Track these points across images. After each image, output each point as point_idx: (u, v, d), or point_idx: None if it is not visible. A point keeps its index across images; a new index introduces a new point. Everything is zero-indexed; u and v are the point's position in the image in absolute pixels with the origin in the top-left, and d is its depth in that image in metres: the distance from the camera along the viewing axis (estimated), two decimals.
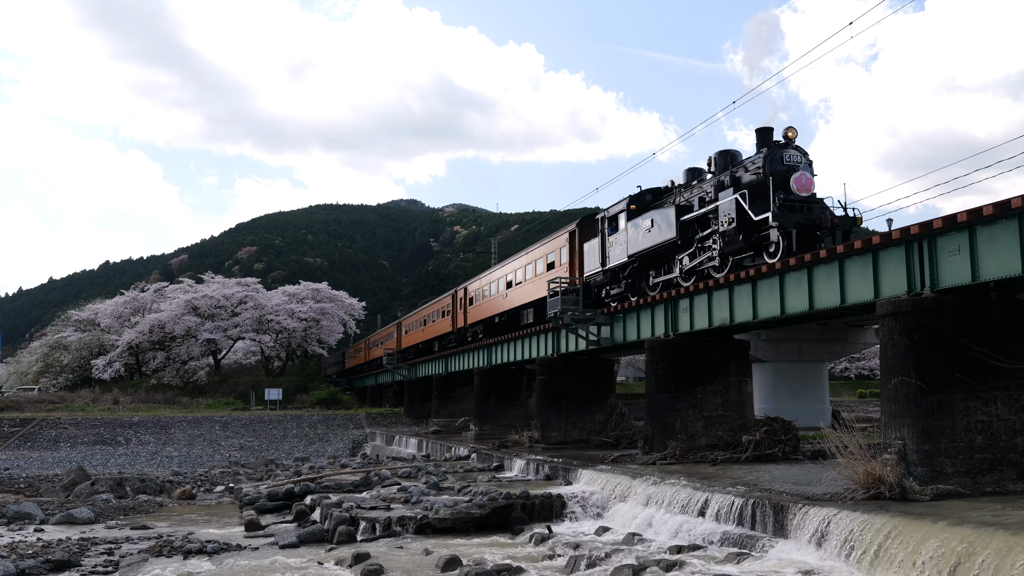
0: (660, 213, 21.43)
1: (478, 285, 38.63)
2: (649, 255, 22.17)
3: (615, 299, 24.18)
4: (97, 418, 46.79)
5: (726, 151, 20.38)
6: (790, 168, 17.81)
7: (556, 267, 28.59)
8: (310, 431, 47.60)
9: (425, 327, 49.30)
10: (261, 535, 16.98)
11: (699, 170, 21.92)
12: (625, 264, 23.25)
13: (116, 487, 25.84)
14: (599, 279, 24.89)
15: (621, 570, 11.22)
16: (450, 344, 43.34)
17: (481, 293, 37.82)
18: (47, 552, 14.88)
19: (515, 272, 33.25)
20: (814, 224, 17.13)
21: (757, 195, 17.67)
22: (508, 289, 33.60)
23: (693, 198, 20.82)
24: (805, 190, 17.55)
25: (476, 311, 38.42)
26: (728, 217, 18.11)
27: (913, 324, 12.91)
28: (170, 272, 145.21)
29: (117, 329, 66.02)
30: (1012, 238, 11.65)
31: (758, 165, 18.22)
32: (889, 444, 13.03)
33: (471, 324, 39.53)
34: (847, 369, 68.13)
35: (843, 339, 33.44)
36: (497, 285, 35.42)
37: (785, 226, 16.88)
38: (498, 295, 34.98)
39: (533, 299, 30.65)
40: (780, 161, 17.91)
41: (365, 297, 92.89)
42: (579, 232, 27.15)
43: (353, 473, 25.29)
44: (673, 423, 20.61)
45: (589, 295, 25.75)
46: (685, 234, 20.47)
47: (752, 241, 17.77)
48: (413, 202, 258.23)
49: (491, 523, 16.33)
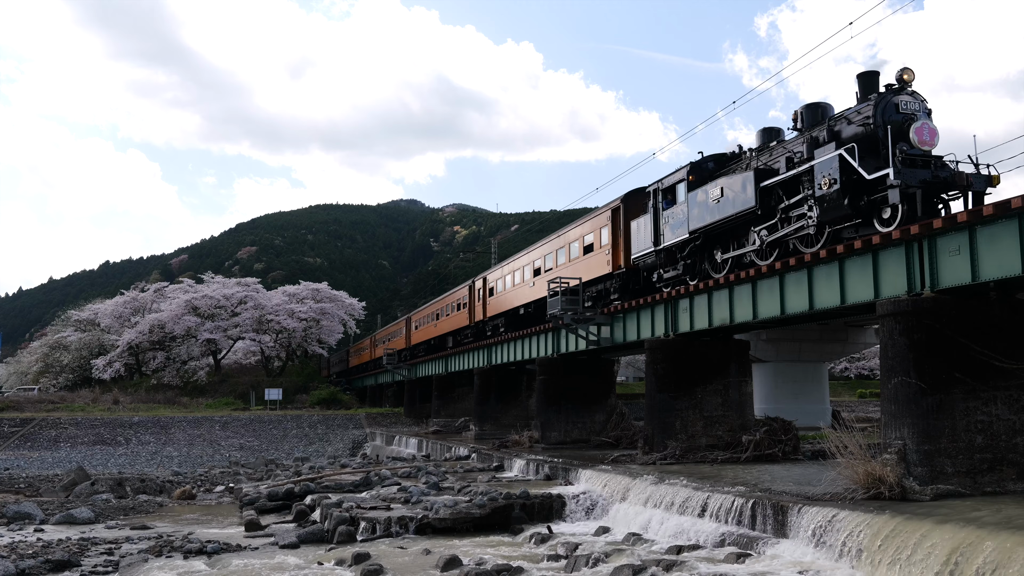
0: (733, 180, 18.39)
1: (499, 274, 35.88)
2: (717, 230, 19.29)
3: (670, 283, 21.52)
4: (97, 418, 46.78)
5: (816, 104, 17.58)
6: (908, 117, 14.84)
7: (596, 250, 25.70)
8: (310, 431, 47.61)
9: (438, 322, 46.52)
10: (261, 535, 16.98)
11: (776, 130, 19.26)
12: (685, 242, 20.39)
13: (116, 487, 25.84)
14: (650, 261, 22.11)
15: (621, 570, 11.22)
16: (466, 339, 40.92)
17: (503, 283, 35.16)
18: (47, 552, 14.88)
19: (544, 258, 30.42)
20: (943, 183, 14.28)
21: (865, 151, 14.85)
22: (536, 277, 30.70)
23: (775, 160, 17.93)
24: (928, 144, 14.56)
25: (497, 303, 35.74)
26: (828, 178, 15.12)
27: (913, 324, 12.90)
28: (170, 272, 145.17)
29: (117, 329, 66.01)
30: (1012, 238, 11.65)
31: (866, 115, 15.27)
32: (889, 444, 13.02)
33: (491, 317, 36.78)
34: (847, 369, 68.11)
35: (843, 339, 33.46)
36: (522, 273, 32.62)
37: (910, 185, 14.03)
38: (523, 284, 32.14)
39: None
40: (895, 109, 14.98)
41: (365, 297, 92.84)
42: (624, 209, 24.19)
43: (353, 473, 25.29)
44: (673, 423, 20.61)
45: (637, 279, 23.56)
46: (766, 203, 17.49)
47: (860, 206, 14.84)
48: (413, 202, 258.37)
49: (491, 523, 16.34)
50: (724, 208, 18.53)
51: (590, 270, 25.77)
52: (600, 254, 25.35)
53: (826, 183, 15.22)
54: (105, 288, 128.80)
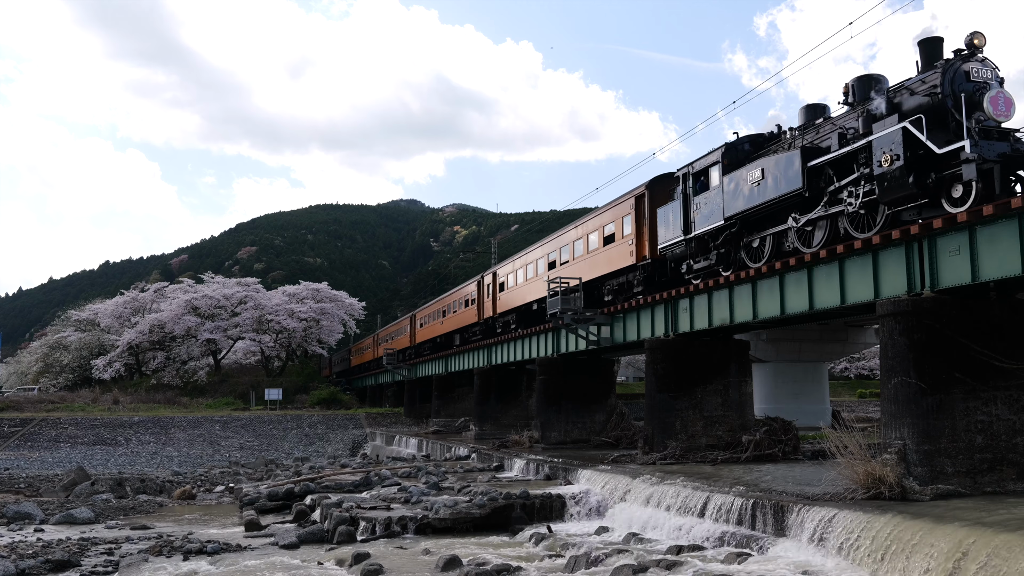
0: (776, 160, 16.88)
1: (510, 268, 34.25)
2: (755, 216, 17.81)
3: (701, 274, 20.07)
4: (97, 418, 46.79)
5: (869, 75, 16.15)
6: (980, 85, 13.44)
7: (617, 240, 24.22)
8: (310, 431, 47.61)
9: (444, 319, 45.10)
10: (261, 535, 16.98)
11: (821, 107, 17.91)
12: (719, 229, 18.94)
13: (116, 487, 25.85)
14: (679, 251, 20.69)
15: (621, 570, 11.22)
16: (475, 337, 39.56)
17: (514, 278, 33.56)
18: (47, 552, 14.88)
19: (559, 251, 28.89)
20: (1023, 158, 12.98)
21: (931, 123, 13.51)
22: (551, 270, 29.07)
23: (823, 138, 16.51)
24: (1004, 115, 13.14)
25: (508, 298, 34.11)
26: (890, 154, 13.75)
27: (913, 324, 12.90)
28: (170, 272, 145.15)
29: (117, 329, 66.01)
30: (1012, 238, 11.65)
31: (932, 84, 13.84)
32: (889, 444, 13.02)
33: (502, 313, 35.35)
34: (847, 369, 68.10)
35: (843, 339, 33.48)
36: (535, 267, 31.09)
37: (987, 160, 12.65)
38: (537, 279, 30.54)
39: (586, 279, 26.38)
40: (965, 77, 13.53)
41: (365, 297, 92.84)
42: (650, 196, 22.80)
43: (353, 473, 25.29)
44: (673, 423, 20.61)
45: (664, 271, 22.25)
46: (814, 184, 16.01)
47: (927, 184, 13.44)
48: (413, 202, 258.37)
49: (491, 523, 16.34)
50: (765, 191, 17.04)
51: (611, 262, 24.52)
52: (622, 245, 23.89)
53: (887, 160, 13.84)
54: (105, 288, 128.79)
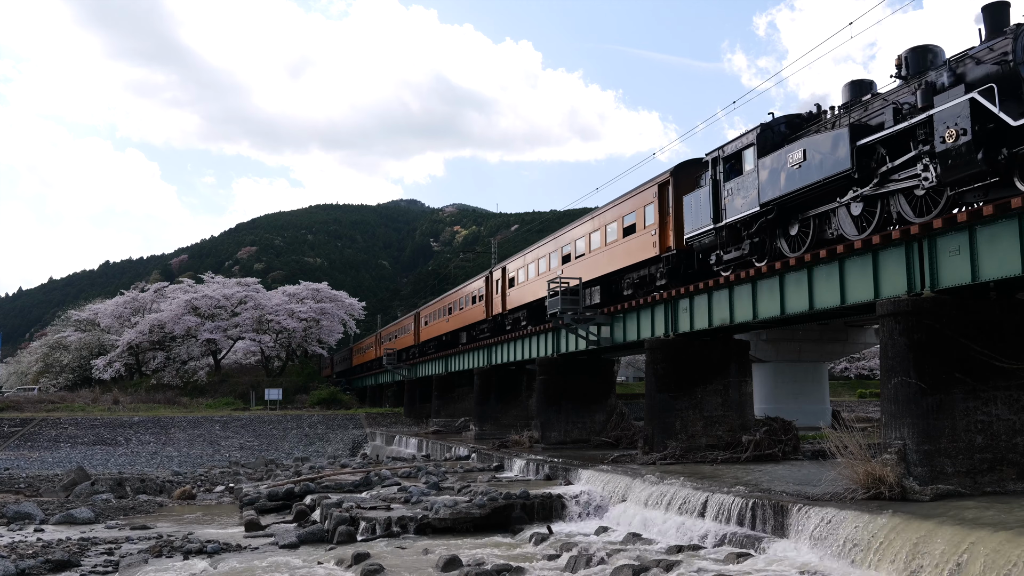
0: (819, 140, 15.65)
1: (521, 263, 33.13)
2: (795, 201, 16.53)
3: (731, 265, 19.02)
4: (97, 418, 46.80)
5: (924, 46, 15.11)
6: None
7: (638, 231, 23.06)
8: (310, 431, 47.62)
9: (450, 316, 43.84)
10: (261, 535, 16.98)
11: (867, 82, 16.79)
12: (754, 216, 17.72)
13: (116, 487, 25.85)
14: (708, 241, 19.57)
15: (621, 570, 11.23)
16: (483, 334, 38.39)
17: (525, 273, 32.41)
18: (47, 552, 14.88)
19: (573, 243, 27.67)
20: None
21: (1003, 94, 12.45)
22: (565, 264, 28.06)
23: (873, 115, 15.21)
24: None
25: (519, 294, 33.01)
26: (955, 129, 12.70)
27: (913, 324, 12.90)
28: (170, 272, 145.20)
29: (117, 329, 66.03)
30: (1012, 238, 11.65)
31: (1003, 51, 12.80)
32: (889, 444, 13.02)
33: (512, 310, 34.17)
34: (847, 369, 68.11)
35: (843, 339, 33.50)
36: (548, 261, 29.99)
37: None
38: (550, 273, 29.41)
39: (601, 273, 25.29)
40: None
41: (365, 297, 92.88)
42: (675, 183, 21.66)
43: (353, 473, 25.29)
44: (673, 423, 20.61)
45: (690, 263, 21.19)
46: (864, 164, 14.80)
47: (998, 162, 12.40)
48: (413, 202, 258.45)
49: (491, 523, 16.34)
50: (808, 173, 15.81)
51: (631, 254, 23.40)
52: (644, 235, 22.73)
53: (951, 135, 12.74)
54: (105, 288, 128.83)
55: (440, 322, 46.13)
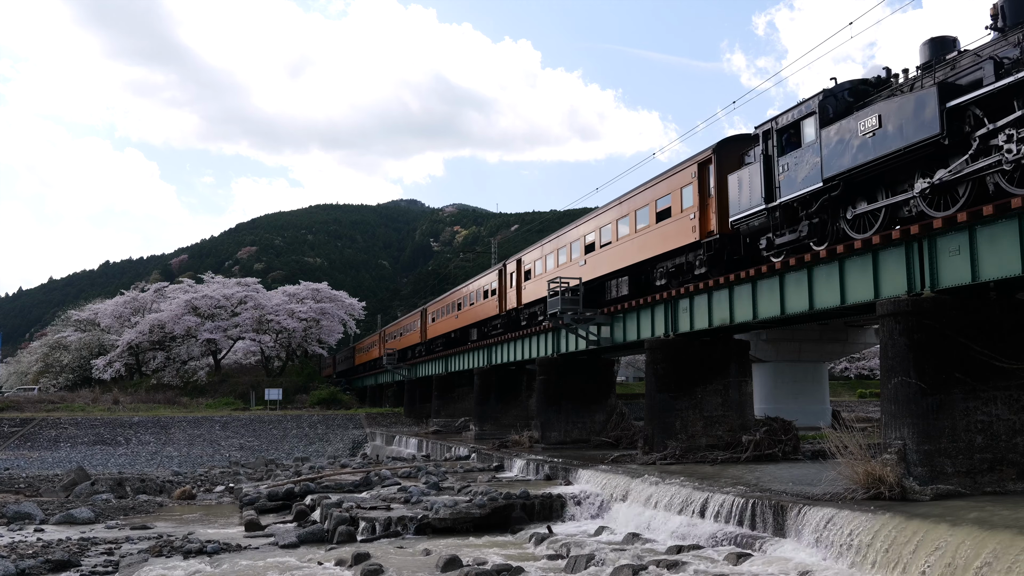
0: (900, 103, 13.72)
1: (538, 254, 31.26)
2: (866, 175, 14.68)
3: (784, 250, 17.22)
4: (97, 418, 46.80)
5: None
6: None
7: (674, 214, 21.35)
8: (310, 431, 47.62)
9: (460, 312, 41.92)
10: (261, 535, 16.98)
11: (950, 39, 14.86)
12: (816, 193, 15.89)
13: (116, 487, 25.85)
14: (758, 223, 17.77)
15: (621, 570, 11.23)
16: (496, 330, 36.23)
17: (543, 264, 30.56)
18: (47, 552, 14.88)
19: (598, 231, 25.79)
20: None
21: None
22: (588, 254, 26.28)
23: (963, 74, 13.31)
24: None
25: (536, 287, 30.95)
26: None
27: (913, 324, 12.90)
28: (170, 272, 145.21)
29: (117, 329, 66.03)
30: (1012, 238, 11.65)
31: None
32: (889, 444, 13.03)
33: (527, 304, 32.09)
34: (847, 369, 68.12)
35: (843, 339, 33.50)
36: (568, 251, 28.12)
37: None
38: (570, 264, 27.66)
39: (631, 263, 23.48)
40: None
41: (365, 297, 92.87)
42: (717, 161, 19.93)
43: (353, 473, 25.30)
44: (673, 423, 20.61)
45: (736, 247, 19.41)
46: (955, 129, 12.91)
47: None
48: (413, 202, 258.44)
49: (491, 523, 16.34)
50: (885, 142, 13.94)
51: (666, 240, 21.63)
52: (681, 220, 21.02)
53: None
54: (105, 288, 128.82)
55: (449, 319, 44.56)
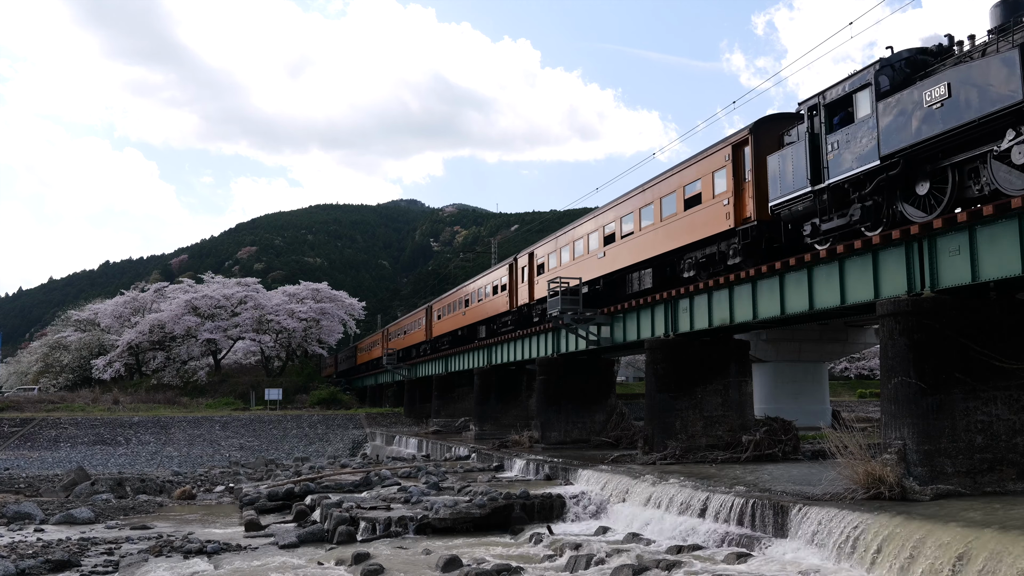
0: (972, 69, 12.44)
1: (552, 247, 29.87)
2: (930, 151, 13.35)
3: (832, 236, 15.88)
4: (97, 418, 46.80)
5: None
6: None
7: (705, 201, 19.89)
8: (310, 431, 47.62)
9: (467, 309, 40.51)
10: (261, 535, 16.98)
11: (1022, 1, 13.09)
12: (871, 173, 14.45)
13: (116, 487, 25.85)
14: (802, 208, 16.34)
15: (621, 570, 11.23)
16: (506, 327, 34.76)
17: (557, 257, 29.24)
18: (47, 552, 14.88)
19: (619, 221, 24.31)
20: None
21: None
22: (608, 246, 24.89)
23: None
24: None
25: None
26: None
27: (913, 324, 12.90)
28: (170, 272, 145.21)
29: (117, 329, 66.03)
30: (1012, 238, 11.65)
31: None
32: (889, 444, 13.03)
33: (540, 300, 30.58)
34: (847, 369, 68.12)
35: (843, 339, 33.49)
36: (586, 243, 26.70)
37: None
38: (588, 256, 26.32)
39: (655, 254, 22.10)
40: None
41: (365, 297, 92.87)
42: (755, 142, 18.41)
43: (353, 473, 25.29)
44: (673, 423, 20.61)
45: (776, 235, 17.94)
46: None
47: None
48: (413, 202, 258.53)
49: (491, 523, 16.34)
50: (956, 112, 12.59)
51: (695, 229, 20.29)
52: (713, 206, 19.55)
53: None
54: (105, 288, 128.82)
55: (455, 316, 43.16)
